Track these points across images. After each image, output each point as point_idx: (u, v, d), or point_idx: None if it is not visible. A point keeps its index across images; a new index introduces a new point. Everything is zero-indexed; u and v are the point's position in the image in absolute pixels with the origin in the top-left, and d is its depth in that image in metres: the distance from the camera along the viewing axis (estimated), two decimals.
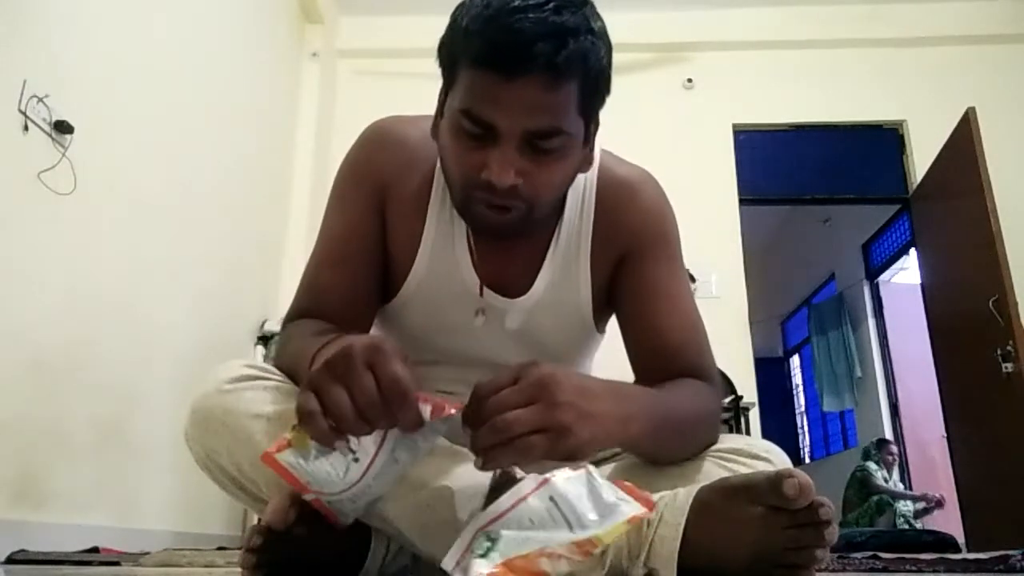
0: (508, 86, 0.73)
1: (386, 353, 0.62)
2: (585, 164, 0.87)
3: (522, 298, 0.94)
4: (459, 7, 0.79)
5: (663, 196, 0.98)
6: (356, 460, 0.63)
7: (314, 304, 0.93)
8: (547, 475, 0.63)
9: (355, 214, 0.94)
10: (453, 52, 0.78)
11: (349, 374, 0.61)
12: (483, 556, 0.56)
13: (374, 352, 0.62)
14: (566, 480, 0.62)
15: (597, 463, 0.94)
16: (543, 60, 0.71)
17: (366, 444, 0.63)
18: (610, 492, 0.63)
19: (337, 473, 0.62)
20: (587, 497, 0.61)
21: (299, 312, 0.93)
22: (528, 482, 0.63)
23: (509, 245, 0.92)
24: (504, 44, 0.72)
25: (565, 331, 0.98)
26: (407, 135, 0.95)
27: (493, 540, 0.58)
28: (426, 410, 0.62)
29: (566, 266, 0.94)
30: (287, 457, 0.61)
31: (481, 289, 0.93)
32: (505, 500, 0.61)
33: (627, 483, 0.66)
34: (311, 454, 0.61)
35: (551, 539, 0.57)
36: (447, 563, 0.57)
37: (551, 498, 0.60)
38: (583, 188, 0.94)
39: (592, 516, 0.59)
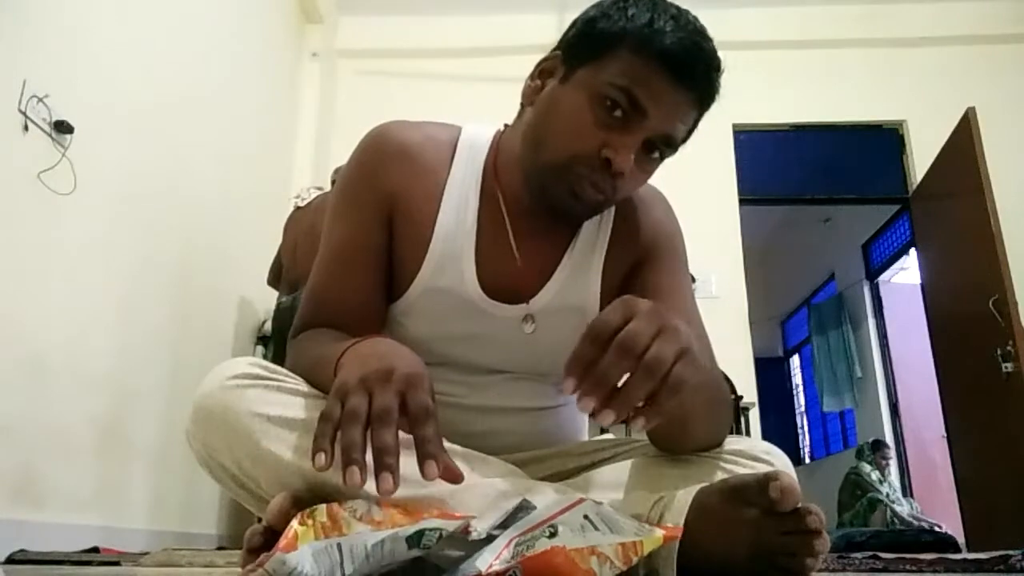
0: (673, 88, 0.81)
1: (422, 389, 0.66)
2: None
3: (528, 303, 0.94)
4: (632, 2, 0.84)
5: (672, 212, 1.04)
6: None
7: (321, 315, 0.92)
8: (577, 496, 0.63)
9: (361, 223, 0.93)
10: (618, 32, 0.82)
11: (379, 391, 0.64)
12: (543, 540, 0.57)
13: (409, 384, 0.65)
14: (595, 503, 0.63)
15: (602, 461, 0.94)
16: (704, 85, 0.82)
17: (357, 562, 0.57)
18: (635, 520, 0.64)
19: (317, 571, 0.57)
20: (619, 516, 0.62)
21: (306, 323, 0.93)
22: (560, 501, 0.63)
23: (535, 245, 0.93)
24: (689, 53, 0.80)
25: (570, 337, 0.97)
26: (412, 140, 0.94)
27: (553, 530, 0.58)
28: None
29: (577, 273, 0.95)
30: (282, 558, 0.54)
31: (486, 296, 0.93)
32: (536, 515, 0.61)
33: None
34: (307, 549, 0.56)
35: (601, 539, 0.57)
36: (479, 565, 0.55)
37: (585, 516, 0.61)
38: None
39: (629, 527, 0.60)
